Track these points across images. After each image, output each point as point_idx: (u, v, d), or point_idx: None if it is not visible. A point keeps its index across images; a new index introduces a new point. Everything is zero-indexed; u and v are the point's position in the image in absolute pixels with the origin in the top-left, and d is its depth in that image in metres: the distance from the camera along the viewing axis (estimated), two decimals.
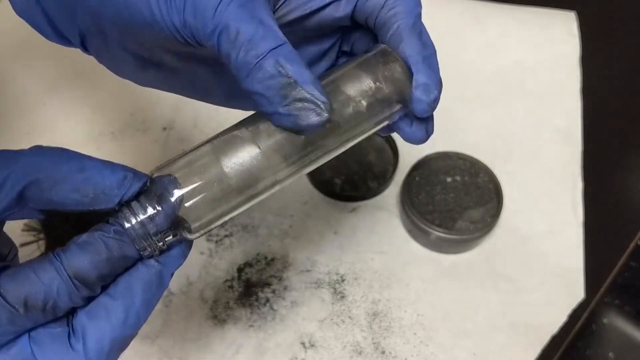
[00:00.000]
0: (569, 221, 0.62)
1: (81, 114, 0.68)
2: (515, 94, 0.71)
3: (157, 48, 0.35)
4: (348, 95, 0.34)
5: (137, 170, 0.33)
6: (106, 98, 0.69)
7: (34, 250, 0.58)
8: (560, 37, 0.74)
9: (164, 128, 0.68)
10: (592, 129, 0.68)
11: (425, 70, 0.34)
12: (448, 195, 0.61)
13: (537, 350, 0.55)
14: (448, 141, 0.65)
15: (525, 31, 0.74)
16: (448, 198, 0.61)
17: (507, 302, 0.57)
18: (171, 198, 0.31)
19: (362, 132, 0.35)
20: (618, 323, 0.53)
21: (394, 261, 0.60)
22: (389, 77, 0.34)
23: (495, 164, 0.63)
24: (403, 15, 0.34)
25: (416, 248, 0.61)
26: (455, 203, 0.60)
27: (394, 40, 0.35)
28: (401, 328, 0.56)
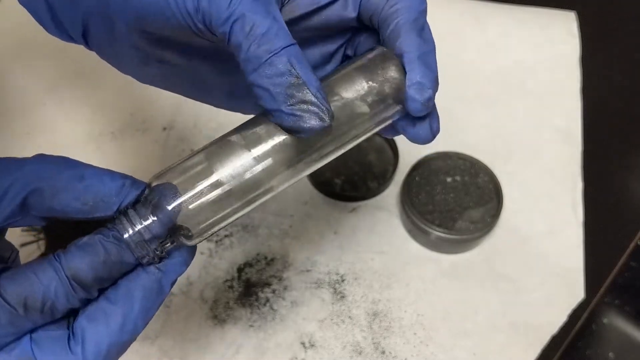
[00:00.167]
0: (569, 221, 0.62)
1: (81, 114, 0.68)
2: (515, 94, 0.71)
3: (162, 41, 0.35)
4: (343, 98, 0.34)
5: (136, 178, 0.33)
6: (106, 98, 0.69)
7: (34, 250, 0.58)
8: (560, 37, 0.74)
9: (164, 128, 0.68)
10: (592, 129, 0.68)
11: (419, 68, 0.33)
12: (448, 195, 0.61)
13: (537, 350, 0.55)
14: (448, 141, 0.65)
15: (525, 31, 0.74)
16: (448, 198, 0.61)
17: (507, 302, 0.57)
18: (168, 206, 0.31)
19: (360, 135, 0.35)
20: (618, 323, 0.53)
21: (394, 261, 0.60)
22: (385, 78, 0.34)
23: (495, 164, 0.63)
24: (404, 11, 0.34)
25: (416, 248, 0.61)
26: (455, 203, 0.60)
27: (393, 36, 0.34)
28: (401, 328, 0.56)
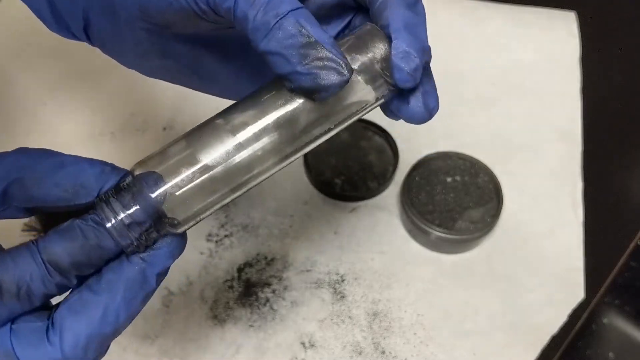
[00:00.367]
0: (569, 221, 0.62)
1: (81, 114, 0.68)
2: (515, 94, 0.70)
3: (165, 30, 0.34)
4: None
5: (117, 165, 0.33)
6: (106, 98, 0.69)
7: None
8: (560, 37, 0.74)
9: (164, 128, 0.68)
10: (592, 129, 0.68)
11: (406, 36, 0.32)
12: (448, 195, 0.61)
13: (537, 350, 0.55)
14: (448, 141, 0.65)
15: (525, 31, 0.74)
16: (448, 198, 0.61)
17: (507, 302, 0.57)
18: (151, 193, 0.31)
19: (351, 116, 0.34)
20: (618, 323, 0.53)
21: (394, 261, 0.60)
22: (372, 53, 0.33)
23: (495, 164, 0.63)
24: None
25: (416, 248, 0.61)
26: (455, 203, 0.60)
27: (380, 9, 0.33)
28: (401, 328, 0.56)
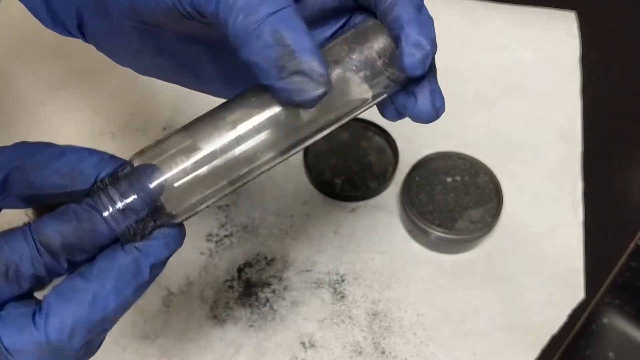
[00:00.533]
0: (569, 221, 0.62)
1: (81, 114, 0.68)
2: (515, 94, 0.70)
3: (156, 29, 0.34)
4: (333, 71, 0.32)
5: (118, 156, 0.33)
6: (106, 98, 0.69)
7: None
8: (560, 37, 0.74)
9: (164, 128, 0.68)
10: (592, 129, 0.68)
11: (417, 27, 0.31)
12: (448, 195, 0.61)
13: (537, 350, 0.55)
14: (448, 141, 0.65)
15: (525, 31, 0.74)
16: (448, 198, 0.61)
17: (507, 302, 0.57)
18: (148, 182, 0.31)
19: (352, 111, 0.34)
20: (618, 323, 0.53)
21: (394, 261, 0.60)
22: (375, 48, 0.33)
23: (495, 164, 0.63)
24: None
25: (416, 248, 0.61)
26: (455, 203, 0.60)
27: (389, 7, 0.32)
28: (401, 328, 0.56)
